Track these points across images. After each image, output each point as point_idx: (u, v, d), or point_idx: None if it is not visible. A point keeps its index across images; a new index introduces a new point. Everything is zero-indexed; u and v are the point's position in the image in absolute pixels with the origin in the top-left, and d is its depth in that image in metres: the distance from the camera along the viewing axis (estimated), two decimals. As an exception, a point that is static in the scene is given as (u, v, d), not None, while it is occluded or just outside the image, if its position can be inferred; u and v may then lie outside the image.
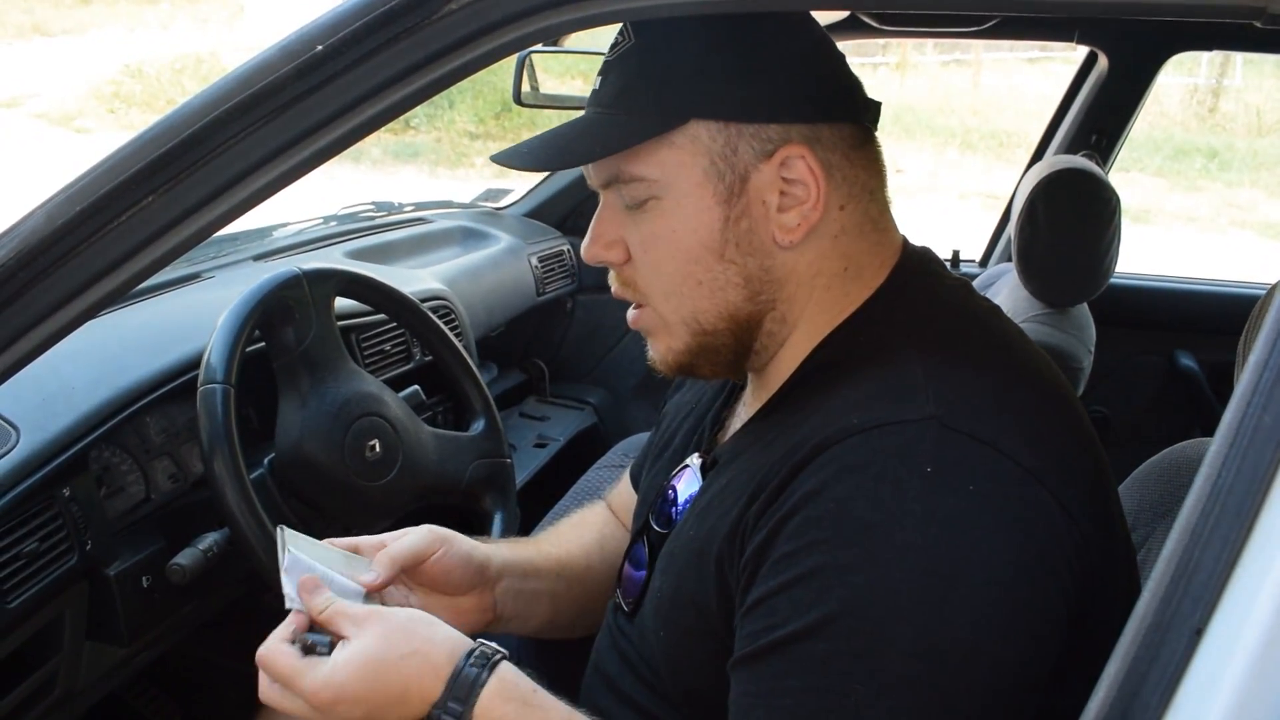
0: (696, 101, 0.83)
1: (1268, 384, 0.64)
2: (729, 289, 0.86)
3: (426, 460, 1.43)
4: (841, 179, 0.85)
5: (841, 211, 0.86)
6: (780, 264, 0.86)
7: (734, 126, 0.83)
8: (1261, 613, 0.60)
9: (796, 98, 0.84)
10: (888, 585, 0.71)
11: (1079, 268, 1.77)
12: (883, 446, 0.75)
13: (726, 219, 0.85)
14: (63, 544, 1.18)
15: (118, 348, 1.38)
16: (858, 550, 0.72)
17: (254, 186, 0.87)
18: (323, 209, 2.41)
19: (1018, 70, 12.62)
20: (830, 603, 0.72)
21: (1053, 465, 0.77)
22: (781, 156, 0.83)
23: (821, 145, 0.84)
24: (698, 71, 0.84)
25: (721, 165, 0.84)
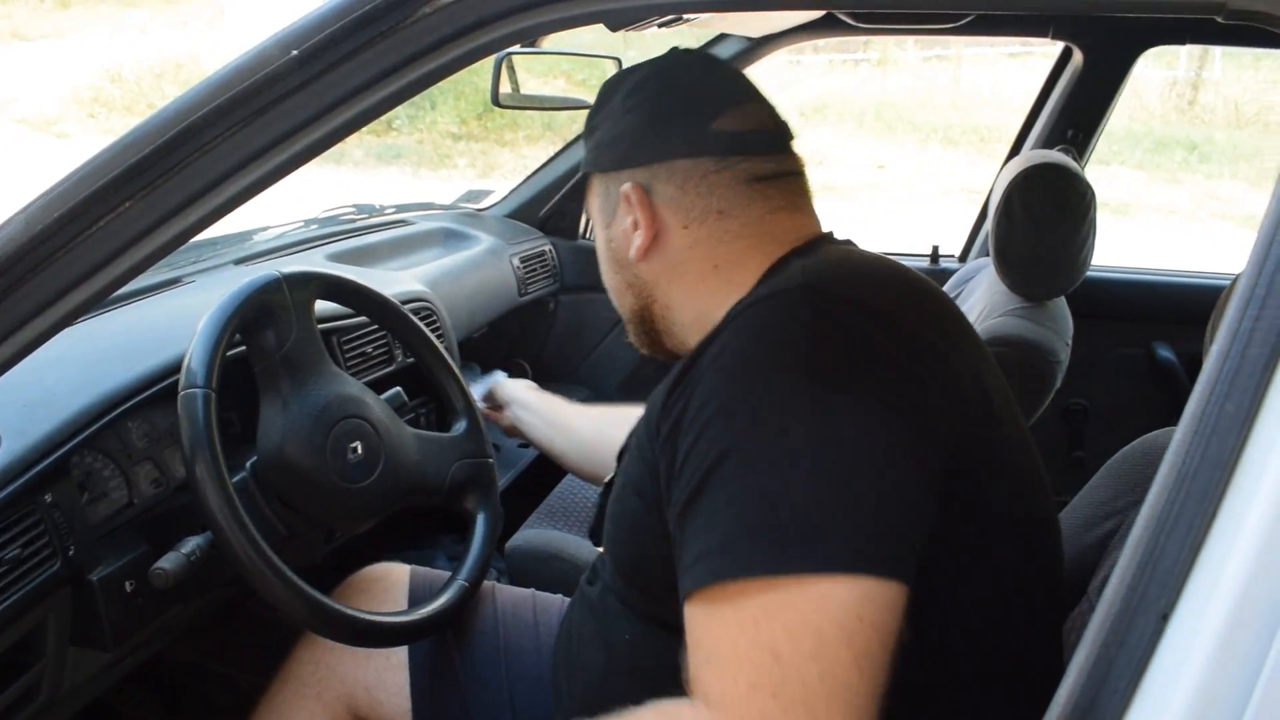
0: (589, 161, 1.14)
1: (1229, 373, 0.65)
2: (622, 290, 1.15)
3: (408, 461, 1.43)
4: (677, 206, 1.07)
5: (686, 230, 1.07)
6: (643, 271, 1.10)
7: (604, 176, 1.12)
8: (1225, 597, 0.61)
9: (633, 150, 1.08)
10: (783, 397, 0.84)
11: (1055, 261, 1.79)
12: (767, 307, 0.92)
13: (607, 240, 1.14)
14: (45, 550, 1.17)
15: (99, 354, 1.38)
16: (753, 379, 0.86)
17: (231, 191, 0.88)
18: (304, 211, 2.41)
19: (999, 65, 12.67)
20: (737, 424, 0.84)
21: (914, 318, 0.94)
22: (623, 194, 1.08)
23: (658, 181, 1.07)
24: (589, 135, 1.14)
25: (604, 203, 1.13)
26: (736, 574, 0.80)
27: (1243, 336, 0.65)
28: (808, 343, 0.88)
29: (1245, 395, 0.64)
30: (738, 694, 0.77)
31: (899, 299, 0.97)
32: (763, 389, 0.85)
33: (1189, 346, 2.39)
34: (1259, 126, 11.24)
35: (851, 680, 0.77)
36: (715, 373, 0.88)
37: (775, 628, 0.77)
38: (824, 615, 0.77)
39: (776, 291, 0.93)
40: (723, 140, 1.06)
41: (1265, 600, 0.60)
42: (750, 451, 0.83)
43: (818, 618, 0.77)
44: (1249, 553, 0.61)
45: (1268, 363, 0.64)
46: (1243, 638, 0.61)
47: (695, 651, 0.82)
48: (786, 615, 0.77)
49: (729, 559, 0.80)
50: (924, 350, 0.90)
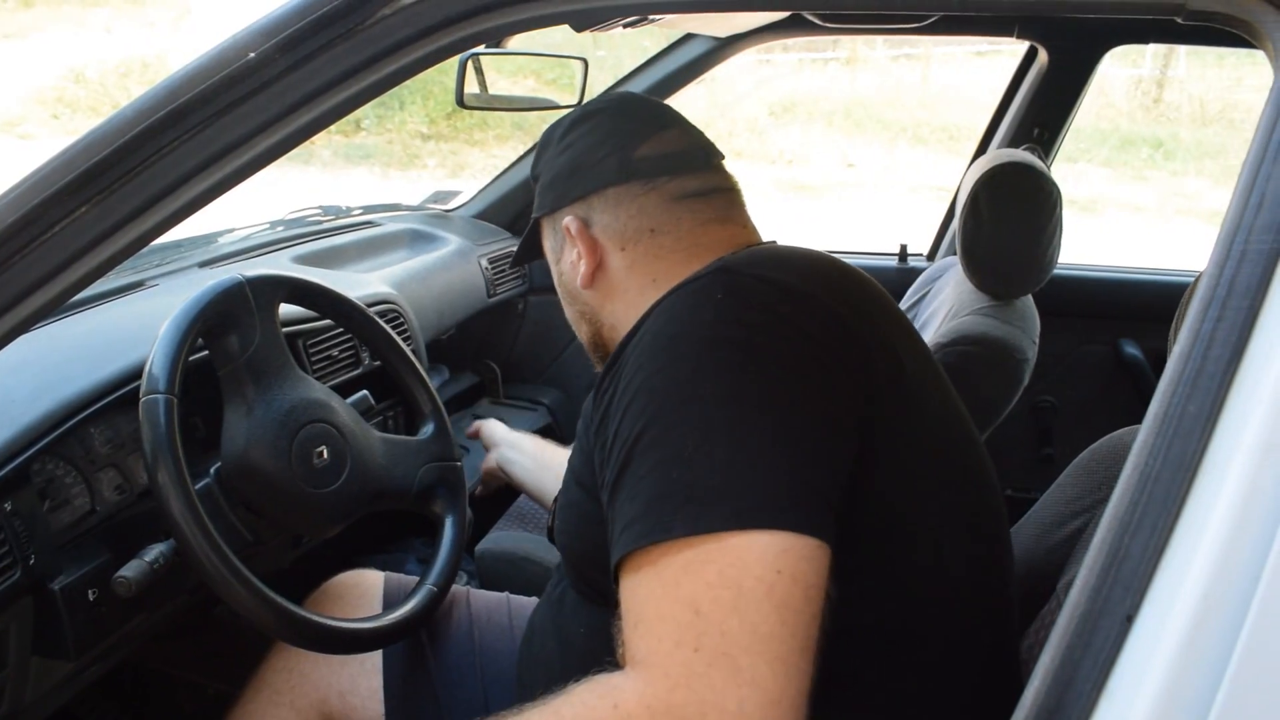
0: (537, 206, 1.23)
1: (1190, 375, 0.65)
2: (578, 320, 1.23)
3: (375, 466, 1.42)
4: (613, 232, 1.14)
5: (623, 252, 1.14)
6: (592, 297, 1.18)
7: (550, 216, 1.21)
8: (1189, 598, 0.62)
9: (568, 188, 1.17)
10: (694, 363, 0.88)
11: (1022, 260, 1.79)
12: (685, 291, 0.96)
13: (559, 274, 1.23)
14: (5, 559, 1.16)
15: (59, 358, 1.35)
16: (668, 352, 0.90)
17: (189, 195, 0.86)
18: (270, 213, 2.39)
19: (967, 64, 12.74)
20: (656, 397, 0.87)
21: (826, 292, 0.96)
22: (565, 228, 1.16)
23: (594, 211, 1.15)
24: (536, 185, 1.23)
25: (553, 243, 1.22)
26: (657, 537, 0.81)
27: (1204, 338, 0.66)
28: (717, 315, 0.91)
29: (1207, 397, 0.65)
30: (662, 651, 0.78)
31: (809, 276, 0.99)
32: (678, 361, 0.88)
33: (1155, 343, 2.41)
34: (1223, 124, 11.37)
35: (774, 631, 0.77)
36: (636, 355, 0.92)
37: (696, 584, 0.79)
38: (742, 569, 0.78)
39: (694, 277, 0.97)
40: (648, 163, 1.13)
41: (1228, 601, 0.61)
42: (667, 420, 0.85)
43: (735, 572, 0.78)
44: (1212, 554, 0.62)
45: (1229, 364, 0.65)
46: (1207, 638, 0.61)
47: (625, 620, 0.83)
48: (706, 571, 0.79)
49: (650, 524, 0.82)
50: (830, 318, 0.93)
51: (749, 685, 0.75)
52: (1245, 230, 0.66)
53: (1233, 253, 0.66)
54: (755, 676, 0.75)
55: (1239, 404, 0.64)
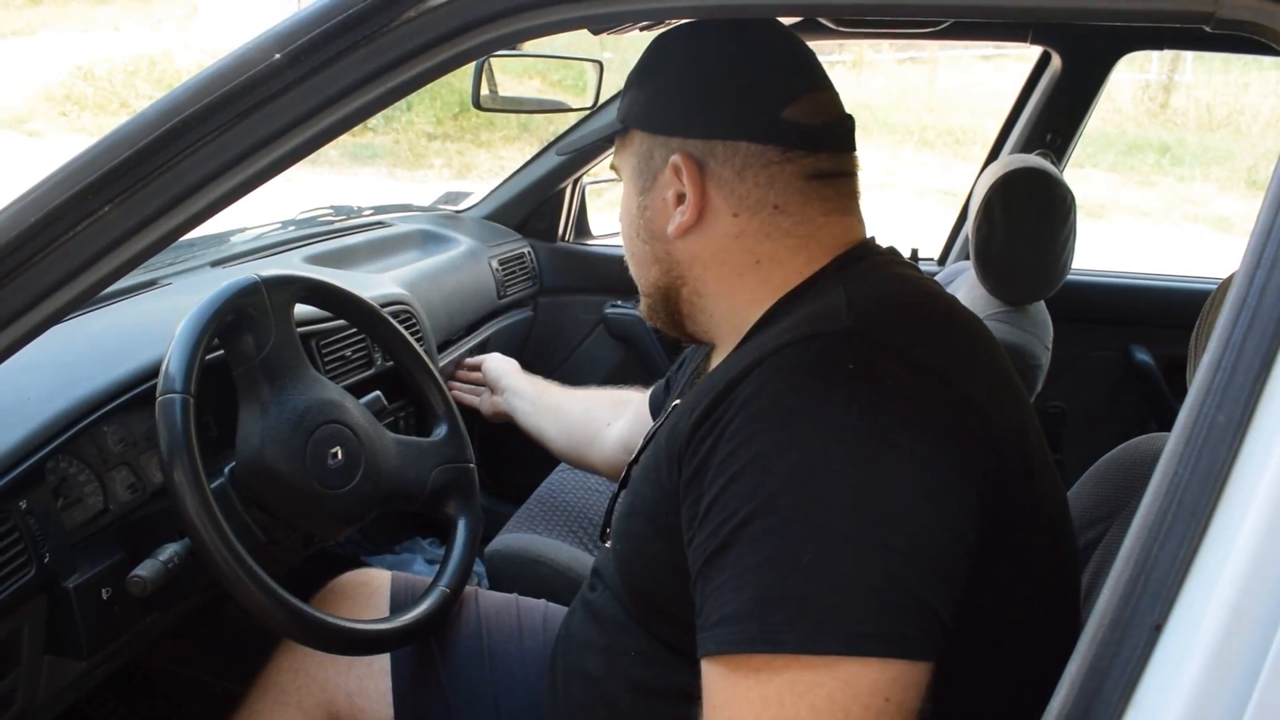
0: (635, 114, 1.05)
1: (1221, 384, 0.65)
2: (648, 262, 1.08)
3: (389, 467, 1.42)
4: (730, 191, 1.00)
5: (735, 218, 1.00)
6: (678, 249, 1.04)
7: (651, 136, 1.03)
8: (1218, 608, 0.61)
9: (695, 119, 1.00)
10: (823, 455, 0.80)
11: (1036, 266, 1.79)
12: (809, 351, 0.86)
13: (640, 207, 1.06)
14: (20, 557, 1.16)
15: (74, 357, 1.35)
16: (791, 431, 0.81)
17: (212, 196, 0.86)
18: (280, 213, 2.39)
19: (973, 67, 12.74)
20: (772, 481, 0.80)
21: (962, 372, 0.88)
22: (673, 163, 1.01)
23: (714, 159, 1.00)
24: (640, 87, 1.05)
25: (643, 165, 1.04)
26: (764, 648, 0.77)
27: (1234, 346, 0.65)
28: (849, 397, 0.82)
29: (1237, 406, 0.64)
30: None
31: (944, 346, 0.91)
32: (800, 445, 0.80)
33: (1165, 349, 2.40)
34: (1230, 129, 11.36)
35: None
36: (749, 419, 0.83)
37: (800, 706, 0.75)
38: (851, 697, 0.75)
39: (818, 333, 0.88)
40: (793, 131, 0.99)
41: (1258, 611, 0.60)
42: (784, 514, 0.79)
43: (845, 698, 0.75)
44: (1242, 564, 0.61)
45: (1259, 373, 0.64)
46: (1236, 649, 0.61)
47: (715, 713, 0.80)
48: (814, 695, 0.75)
49: (756, 629, 0.77)
50: (968, 409, 0.85)
51: None
52: (1276, 237, 0.66)
53: (1264, 260, 0.66)
54: None
55: (1270, 413, 0.63)
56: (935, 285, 1.04)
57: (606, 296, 2.60)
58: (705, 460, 0.85)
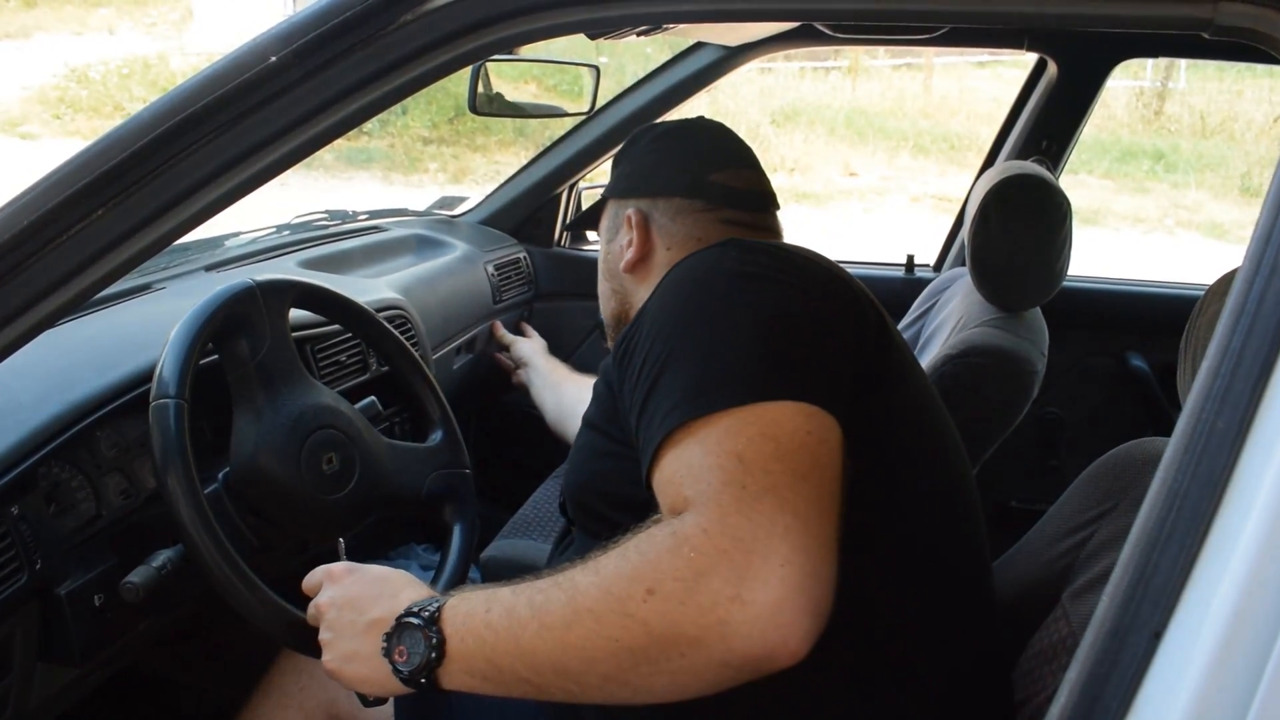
0: (610, 189, 1.40)
1: (1220, 390, 0.65)
2: (610, 298, 1.39)
3: (384, 472, 1.41)
4: (665, 232, 1.31)
5: (668, 251, 1.30)
6: (628, 281, 1.35)
7: (619, 201, 1.36)
8: (1218, 615, 0.61)
9: (644, 184, 1.34)
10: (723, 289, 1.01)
11: (1032, 273, 1.79)
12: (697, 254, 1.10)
13: (605, 254, 1.39)
14: (11, 564, 1.15)
15: (67, 362, 1.35)
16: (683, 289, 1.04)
17: (206, 200, 0.86)
18: (276, 217, 2.38)
19: (968, 74, 12.78)
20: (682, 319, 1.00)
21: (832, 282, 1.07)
22: (626, 217, 1.33)
23: (656, 210, 1.31)
24: (614, 172, 1.40)
25: (611, 223, 1.38)
26: (699, 412, 0.90)
27: (1233, 353, 0.65)
28: (736, 261, 1.04)
29: (1236, 412, 0.64)
30: (713, 489, 0.85)
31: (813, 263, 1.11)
32: (701, 290, 1.02)
33: (1161, 356, 2.40)
34: (1224, 136, 11.39)
35: (810, 475, 0.86)
36: (658, 298, 1.05)
37: (738, 440, 0.87)
38: (778, 429, 0.88)
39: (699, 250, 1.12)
40: (715, 189, 1.30)
41: (1259, 618, 0.60)
42: (694, 337, 0.97)
43: (774, 430, 0.88)
44: (1242, 570, 0.61)
45: (1258, 379, 0.64)
46: (1236, 657, 0.60)
47: (671, 485, 0.90)
48: (746, 431, 0.88)
49: (688, 405, 0.91)
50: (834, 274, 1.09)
51: (792, 515, 0.83)
52: (1275, 244, 0.66)
53: (1263, 266, 0.66)
54: (797, 509, 0.83)
55: (1269, 419, 0.63)
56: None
57: (602, 301, 2.59)
58: (629, 350, 1.03)
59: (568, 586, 0.87)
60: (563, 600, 0.87)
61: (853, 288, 1.09)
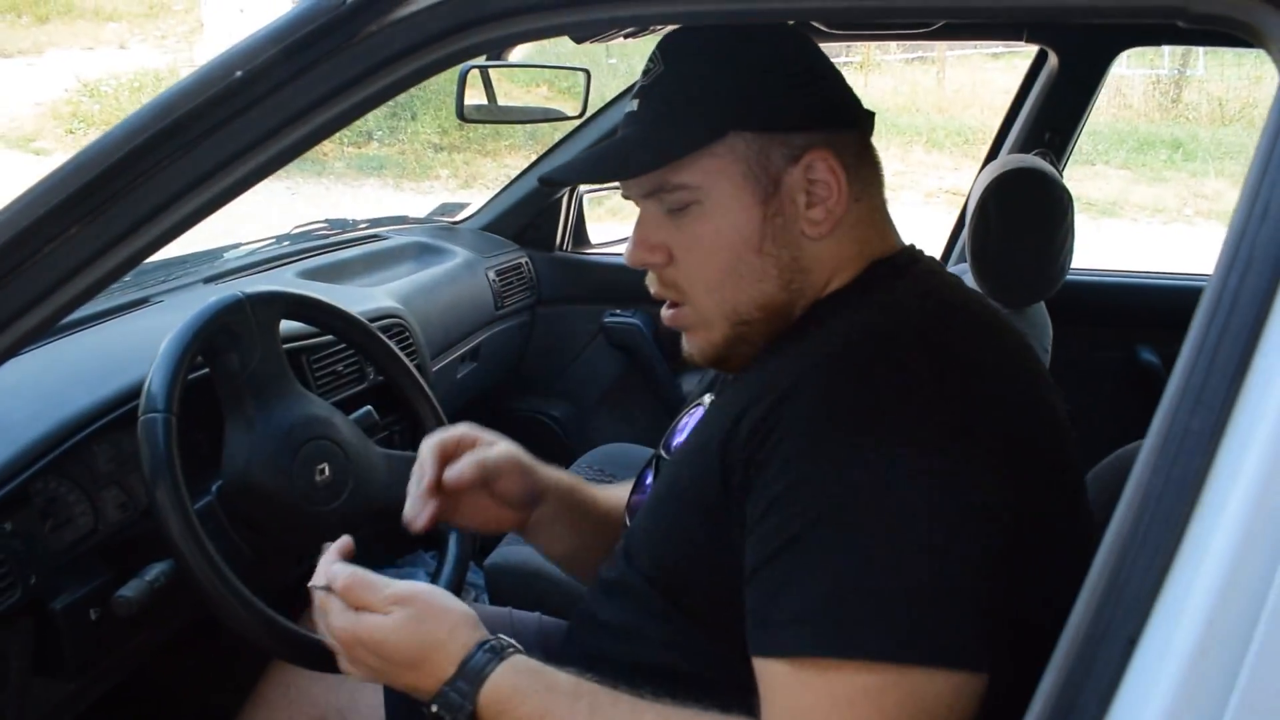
0: (733, 115, 0.94)
1: (1195, 390, 0.64)
2: (765, 280, 0.97)
3: (378, 482, 1.41)
4: (855, 177, 0.97)
5: (858, 204, 0.97)
6: (808, 253, 0.97)
7: (765, 135, 0.94)
8: (1192, 620, 0.60)
9: (817, 109, 0.96)
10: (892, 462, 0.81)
11: (1032, 268, 1.78)
12: (880, 354, 0.87)
13: (764, 217, 0.95)
14: (5, 580, 1.16)
15: (58, 379, 1.35)
16: (859, 436, 0.82)
17: (181, 213, 0.86)
18: (285, 224, 2.39)
19: (982, 66, 12.71)
20: (843, 487, 0.81)
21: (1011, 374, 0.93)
22: (807, 160, 0.94)
23: (839, 148, 0.95)
24: (733, 88, 0.95)
25: (757, 169, 0.95)
26: (839, 653, 0.79)
27: (1208, 351, 0.64)
28: (912, 403, 0.84)
29: (1211, 413, 0.63)
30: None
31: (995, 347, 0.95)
32: (869, 451, 0.82)
33: (1173, 349, 2.36)
34: (1243, 123, 11.29)
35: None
36: (811, 419, 0.84)
37: (870, 709, 0.78)
38: (918, 704, 0.77)
39: (888, 334, 0.90)
40: (869, 115, 1.01)
41: (1233, 623, 0.59)
42: (856, 519, 0.81)
43: (912, 705, 0.77)
44: (1217, 576, 0.60)
45: (1233, 378, 0.63)
46: (1211, 662, 0.59)
47: (780, 713, 0.82)
48: (883, 700, 0.77)
49: (831, 633, 0.79)
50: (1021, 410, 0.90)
51: None
52: (1250, 240, 0.65)
53: (1237, 263, 0.64)
54: None
55: (1245, 420, 0.62)
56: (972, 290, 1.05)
57: (605, 306, 2.59)
58: (768, 457, 0.85)
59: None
60: None
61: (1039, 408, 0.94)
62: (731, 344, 1.01)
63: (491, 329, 2.45)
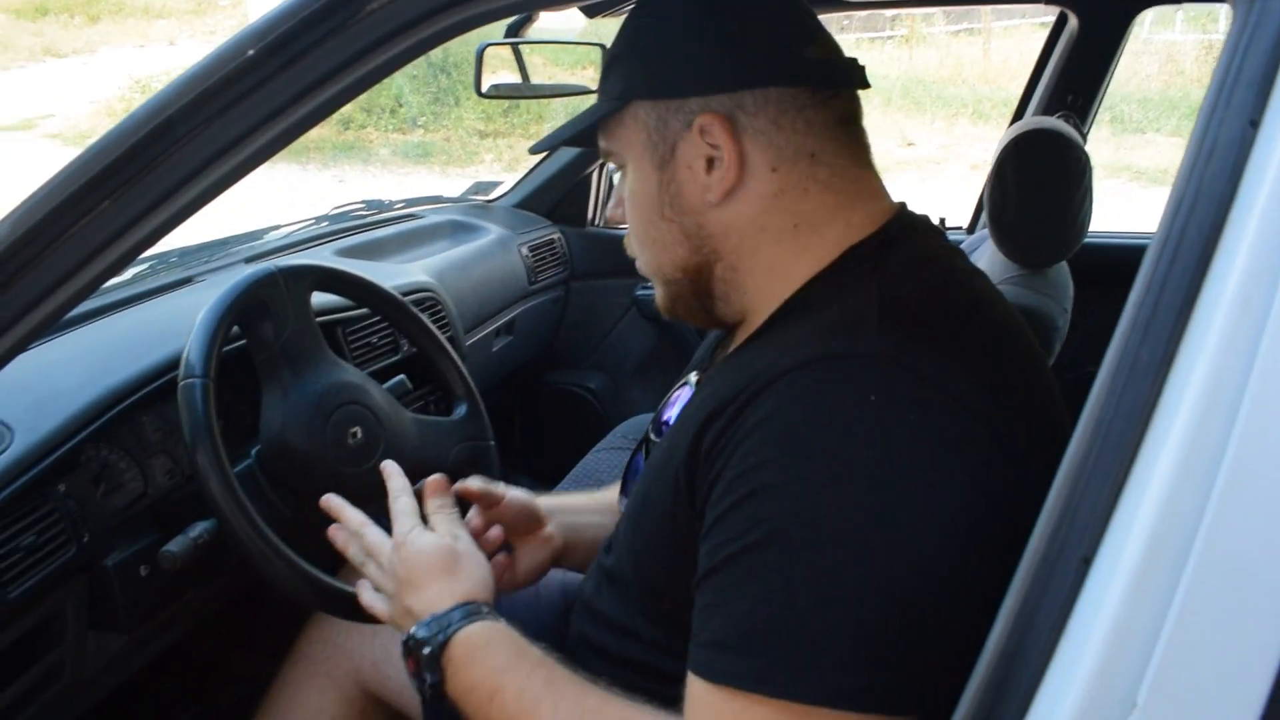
0: (635, 84, 0.96)
1: (1144, 320, 0.66)
2: (674, 244, 0.98)
3: (408, 445, 1.47)
4: (768, 143, 0.92)
5: (774, 173, 0.93)
6: (713, 220, 0.95)
7: (662, 103, 0.94)
8: (1138, 539, 0.63)
9: (714, 71, 0.92)
10: (834, 496, 0.77)
11: (1049, 228, 1.79)
12: (831, 374, 0.82)
13: (660, 183, 0.97)
14: (60, 537, 1.23)
15: (105, 352, 1.43)
16: (806, 464, 0.79)
17: (202, 185, 0.91)
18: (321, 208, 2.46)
19: (1030, 36, 12.50)
20: (781, 514, 0.78)
21: (997, 409, 0.83)
22: (699, 125, 0.92)
23: (743, 112, 0.92)
24: (634, 56, 0.97)
25: (655, 137, 0.95)
26: (749, 686, 0.77)
27: (1156, 284, 0.67)
28: (867, 435, 0.79)
29: (1159, 342, 0.66)
30: None
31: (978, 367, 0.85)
32: (812, 481, 0.78)
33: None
34: (1299, 85, 10.99)
35: None
36: (763, 441, 0.81)
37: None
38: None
39: (842, 354, 0.83)
40: (818, 69, 0.93)
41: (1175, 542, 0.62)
42: (788, 550, 0.77)
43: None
44: (1160, 494, 0.63)
45: (1180, 310, 0.66)
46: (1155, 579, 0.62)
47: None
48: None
49: (743, 666, 0.78)
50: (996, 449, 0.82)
51: None
52: (1197, 178, 0.67)
53: (1184, 200, 0.67)
54: None
55: (1191, 349, 0.65)
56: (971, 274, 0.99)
57: (637, 279, 2.62)
58: (717, 474, 0.84)
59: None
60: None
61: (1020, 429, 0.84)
62: (671, 300, 1.04)
63: (526, 303, 2.51)
